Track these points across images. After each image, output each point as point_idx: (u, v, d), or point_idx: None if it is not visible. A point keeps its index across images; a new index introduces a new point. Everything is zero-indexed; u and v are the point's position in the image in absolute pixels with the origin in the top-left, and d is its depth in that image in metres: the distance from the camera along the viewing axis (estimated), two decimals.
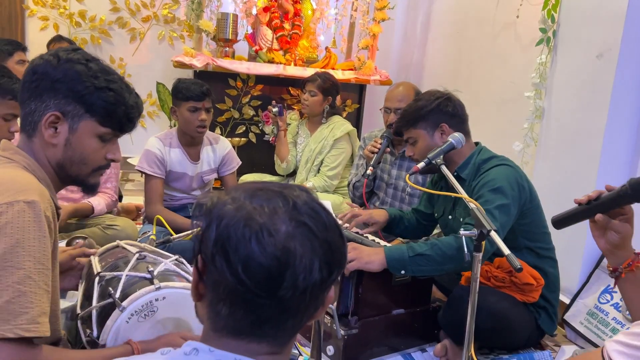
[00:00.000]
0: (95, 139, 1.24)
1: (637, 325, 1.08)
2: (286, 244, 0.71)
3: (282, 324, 0.75)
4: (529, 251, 2.05)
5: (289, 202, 0.74)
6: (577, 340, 2.35)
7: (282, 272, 0.71)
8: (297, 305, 0.74)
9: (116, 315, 1.35)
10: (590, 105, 2.40)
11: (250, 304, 0.72)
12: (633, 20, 2.24)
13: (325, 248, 0.74)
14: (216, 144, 2.85)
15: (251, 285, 0.71)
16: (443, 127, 2.08)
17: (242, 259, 0.70)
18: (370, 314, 1.97)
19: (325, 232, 0.74)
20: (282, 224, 0.72)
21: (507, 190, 1.92)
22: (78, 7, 4.06)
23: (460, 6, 3.66)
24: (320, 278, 0.73)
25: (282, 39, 3.90)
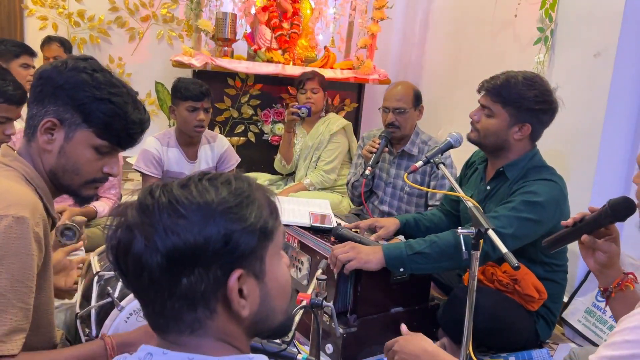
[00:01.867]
0: (91, 150, 1.21)
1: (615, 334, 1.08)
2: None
3: (168, 312, 0.73)
4: (542, 265, 2.03)
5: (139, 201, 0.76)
6: (575, 338, 2.36)
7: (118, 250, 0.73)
8: (146, 289, 0.73)
9: (115, 315, 1.36)
10: (588, 104, 2.41)
11: (138, 295, 0.76)
12: (630, 19, 2.25)
13: None
14: (214, 142, 2.86)
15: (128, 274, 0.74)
16: (525, 128, 1.97)
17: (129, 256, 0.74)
18: (368, 312, 1.98)
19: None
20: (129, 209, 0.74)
21: (541, 209, 1.87)
22: (77, 6, 4.07)
23: (458, 5, 3.67)
24: (159, 264, 0.71)
25: (281, 38, 3.91)
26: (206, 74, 3.67)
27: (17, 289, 1.07)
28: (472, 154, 2.36)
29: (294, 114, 3.27)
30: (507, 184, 2.02)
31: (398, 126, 2.72)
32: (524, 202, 1.88)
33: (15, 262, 1.06)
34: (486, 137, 2.02)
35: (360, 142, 3.06)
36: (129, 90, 1.23)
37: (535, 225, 1.88)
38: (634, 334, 1.04)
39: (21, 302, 1.08)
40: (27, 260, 1.08)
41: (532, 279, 1.95)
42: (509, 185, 2.01)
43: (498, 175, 2.07)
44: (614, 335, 1.08)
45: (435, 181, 2.71)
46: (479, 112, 2.04)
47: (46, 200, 1.20)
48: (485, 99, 2.01)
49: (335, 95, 4.04)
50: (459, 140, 1.98)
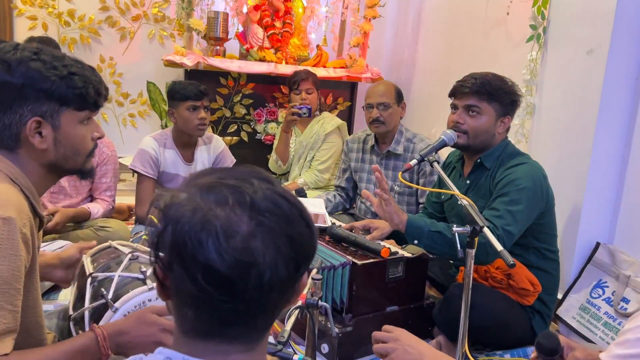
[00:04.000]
0: (79, 125, 1.22)
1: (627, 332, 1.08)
2: (247, 245, 0.67)
3: (251, 323, 0.72)
4: (535, 251, 2.06)
5: (247, 199, 0.69)
6: (570, 335, 2.36)
7: (245, 274, 0.67)
8: (266, 303, 0.71)
9: (109, 316, 1.34)
10: (580, 101, 2.41)
11: (215, 307, 0.69)
12: (622, 16, 2.25)
13: (290, 243, 0.70)
14: (210, 143, 2.86)
15: (214, 291, 0.67)
16: (506, 120, 2.06)
17: (200, 266, 0.66)
18: (364, 312, 1.97)
19: (288, 227, 0.70)
20: (241, 223, 0.67)
21: (532, 192, 1.93)
22: (67, 6, 4.03)
23: (451, 3, 3.67)
24: (287, 274, 0.70)
25: (273, 37, 3.89)
26: (198, 73, 3.65)
27: (5, 290, 1.05)
28: (448, 155, 2.36)
29: (294, 114, 3.24)
30: (486, 174, 2.08)
31: (383, 121, 2.73)
32: (516, 192, 1.92)
33: (3, 264, 1.04)
34: (476, 136, 2.04)
35: (345, 147, 3.06)
36: (68, 56, 1.22)
37: (531, 211, 1.94)
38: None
39: (9, 304, 1.06)
40: (15, 262, 1.06)
41: (526, 272, 1.97)
42: (490, 174, 2.06)
43: (476, 167, 2.12)
44: (626, 333, 1.08)
45: (424, 178, 2.72)
46: (462, 115, 2.05)
47: (33, 200, 1.18)
48: (470, 99, 2.03)
49: (328, 94, 4.04)
50: (452, 138, 1.98)
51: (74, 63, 1.19)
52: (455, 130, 2.05)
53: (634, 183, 2.31)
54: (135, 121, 4.32)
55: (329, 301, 1.98)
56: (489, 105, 2.02)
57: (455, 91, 2.10)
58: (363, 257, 1.98)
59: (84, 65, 1.22)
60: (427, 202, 2.43)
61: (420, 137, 2.83)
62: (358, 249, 2.07)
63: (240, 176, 0.72)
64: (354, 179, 3.03)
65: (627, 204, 2.37)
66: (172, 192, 0.71)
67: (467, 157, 2.18)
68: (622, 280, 2.26)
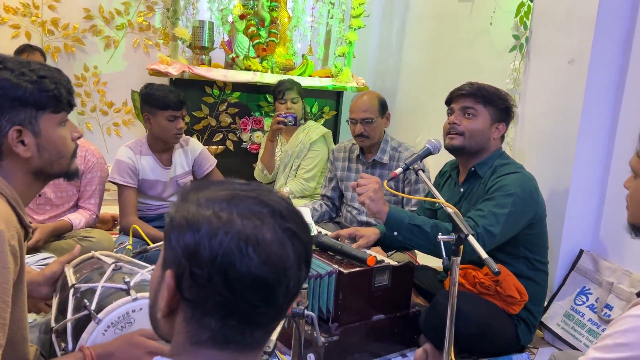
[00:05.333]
0: (59, 128, 1.21)
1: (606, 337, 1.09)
2: (282, 251, 0.71)
3: (271, 327, 0.76)
4: (525, 261, 2.08)
5: (272, 208, 0.73)
6: (555, 342, 2.38)
7: (281, 279, 0.71)
8: (287, 308, 0.76)
9: (92, 328, 1.32)
10: (563, 110, 2.44)
11: (245, 314, 0.72)
12: (603, 26, 2.29)
13: (307, 249, 0.76)
14: (187, 145, 2.84)
15: (250, 297, 0.70)
16: (500, 127, 2.12)
17: (242, 274, 0.69)
18: (350, 320, 1.97)
19: (305, 234, 0.75)
20: (270, 231, 0.71)
21: (520, 199, 1.95)
22: (50, 15, 4.00)
23: (435, 13, 3.71)
24: (304, 278, 0.76)
25: (259, 46, 3.90)
26: (183, 82, 3.64)
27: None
28: (445, 164, 2.38)
29: (280, 123, 3.23)
30: (480, 182, 2.11)
31: (367, 136, 2.75)
32: (503, 196, 1.95)
33: None
34: (472, 137, 2.09)
35: (331, 157, 3.07)
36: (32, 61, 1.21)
37: (517, 217, 1.96)
38: (625, 337, 1.05)
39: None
40: (4, 274, 1.05)
41: (513, 280, 1.99)
42: (482, 183, 2.09)
43: (470, 175, 2.16)
44: (605, 339, 1.08)
45: (409, 187, 2.74)
46: (459, 116, 2.11)
47: (19, 210, 1.16)
48: (467, 101, 2.10)
49: (313, 103, 4.05)
50: (437, 146, 1.99)
51: (40, 67, 1.18)
52: (452, 131, 2.11)
53: (616, 190, 2.34)
54: (119, 130, 4.29)
55: (315, 310, 1.97)
56: (484, 109, 2.09)
57: (451, 96, 2.17)
58: (349, 266, 1.97)
59: (49, 67, 1.21)
60: (420, 209, 2.44)
61: (406, 146, 2.85)
62: (344, 258, 2.06)
63: (249, 187, 0.76)
64: (340, 188, 3.03)
65: (610, 211, 2.40)
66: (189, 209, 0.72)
67: (462, 165, 2.21)
68: (605, 287, 2.28)
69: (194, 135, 3.75)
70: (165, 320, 0.76)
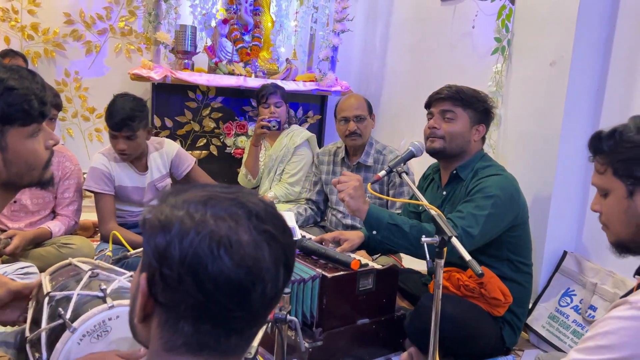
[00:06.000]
0: (29, 140, 1.15)
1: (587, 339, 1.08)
2: (256, 253, 0.69)
3: (248, 333, 0.74)
4: (509, 263, 2.08)
5: (248, 210, 0.71)
6: (540, 344, 2.38)
7: (253, 282, 0.69)
8: (264, 313, 0.73)
9: (67, 337, 1.29)
10: (545, 112, 2.45)
11: (219, 318, 0.70)
12: (583, 28, 2.31)
13: (287, 252, 0.73)
14: (162, 148, 2.77)
15: (223, 300, 0.68)
16: (481, 128, 2.12)
17: (213, 276, 0.67)
18: (334, 325, 1.95)
19: (284, 236, 0.73)
20: (246, 233, 0.69)
21: (500, 201, 1.95)
22: (30, 19, 3.95)
23: (418, 18, 3.71)
24: (283, 282, 0.73)
25: (242, 50, 3.88)
26: (166, 87, 3.61)
27: None
28: (428, 167, 2.38)
29: (264, 127, 3.20)
30: (461, 185, 2.11)
31: (360, 134, 2.75)
32: (483, 198, 1.95)
33: None
34: (452, 140, 2.09)
35: (315, 160, 3.06)
36: (6, 67, 1.15)
37: (497, 219, 1.96)
38: (606, 339, 1.04)
39: None
40: None
41: (498, 282, 1.98)
42: (464, 185, 2.09)
43: (452, 178, 2.16)
44: (587, 341, 1.07)
45: (393, 190, 2.74)
46: (438, 120, 2.11)
47: None
48: (445, 105, 2.10)
49: (298, 107, 4.03)
50: (420, 149, 1.99)
51: (9, 75, 1.11)
52: (432, 135, 2.11)
53: None
54: (101, 136, 4.24)
55: (299, 315, 1.95)
56: (464, 111, 2.09)
57: (430, 100, 2.17)
58: (333, 270, 1.95)
59: (21, 73, 1.14)
60: (404, 211, 2.44)
61: (390, 149, 2.85)
62: (328, 262, 2.04)
63: (230, 189, 0.75)
64: (324, 192, 3.01)
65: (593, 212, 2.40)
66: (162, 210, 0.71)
67: (443, 168, 2.21)
68: (589, 288, 2.28)
69: (177, 140, 3.71)
70: (142, 325, 0.74)
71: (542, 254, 2.46)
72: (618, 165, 1.19)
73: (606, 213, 1.24)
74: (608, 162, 1.21)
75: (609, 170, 1.21)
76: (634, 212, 1.17)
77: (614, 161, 1.19)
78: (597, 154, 1.25)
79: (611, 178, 1.20)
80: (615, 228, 1.23)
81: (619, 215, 1.20)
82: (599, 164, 1.24)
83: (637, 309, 1.02)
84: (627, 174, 1.17)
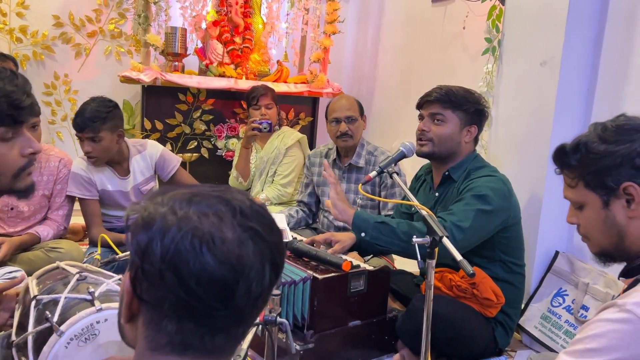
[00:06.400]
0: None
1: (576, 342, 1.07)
2: (240, 250, 0.68)
3: (234, 333, 0.73)
4: (501, 264, 2.08)
5: (233, 207, 0.70)
6: (533, 344, 2.37)
7: (239, 279, 0.68)
8: (250, 312, 0.72)
9: (54, 341, 1.26)
10: (536, 111, 2.46)
11: (202, 316, 0.69)
12: (573, 28, 2.31)
13: (273, 250, 0.72)
14: (144, 150, 2.69)
15: (206, 298, 0.67)
16: (472, 129, 2.10)
17: (195, 272, 0.66)
18: (326, 327, 1.93)
19: (271, 234, 0.72)
20: (230, 230, 0.68)
21: (491, 200, 1.94)
22: (19, 22, 3.91)
23: (409, 19, 3.72)
24: (270, 281, 0.72)
25: (233, 52, 3.87)
26: (156, 89, 3.59)
27: None
28: (420, 167, 2.38)
29: (255, 129, 3.18)
30: (454, 186, 2.10)
31: (351, 135, 2.75)
32: (473, 197, 1.95)
33: None
34: (441, 143, 2.08)
35: (307, 162, 3.05)
36: None
37: (489, 215, 1.94)
38: (595, 342, 1.03)
39: None
40: None
41: (490, 282, 1.98)
42: (456, 187, 2.08)
43: (444, 180, 2.15)
44: (576, 343, 1.07)
45: (385, 191, 2.73)
46: (428, 123, 2.11)
47: None
48: (435, 107, 2.09)
49: (289, 109, 4.02)
50: (411, 149, 1.98)
51: None
52: (421, 138, 2.11)
53: None
54: None
55: (290, 317, 1.93)
56: (453, 114, 2.07)
57: (421, 101, 2.16)
58: (324, 272, 1.94)
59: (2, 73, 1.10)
60: (397, 212, 2.43)
61: (382, 150, 2.84)
62: (319, 263, 2.03)
63: (217, 188, 0.74)
64: (316, 194, 3.00)
65: None
66: (146, 208, 0.70)
67: (435, 169, 2.21)
68: (581, 288, 2.28)
69: (167, 143, 3.69)
70: (129, 326, 0.74)
71: (534, 254, 2.45)
72: (589, 177, 1.17)
73: (584, 225, 1.23)
74: (578, 175, 1.19)
75: (580, 183, 1.19)
76: (612, 221, 1.16)
77: (584, 174, 1.18)
78: (564, 168, 1.24)
79: (584, 191, 1.19)
80: (597, 239, 1.21)
81: (598, 227, 1.18)
82: (569, 178, 1.22)
83: (625, 311, 1.02)
84: (599, 185, 1.16)
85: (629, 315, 1.01)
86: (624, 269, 1.21)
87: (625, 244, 1.16)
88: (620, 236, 1.16)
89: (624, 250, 1.17)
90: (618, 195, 1.14)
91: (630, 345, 1.00)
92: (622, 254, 1.18)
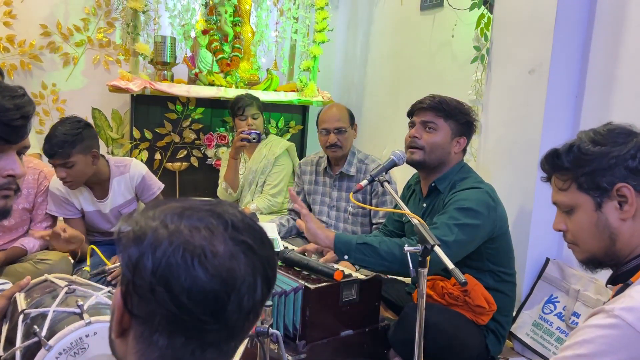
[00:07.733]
0: None
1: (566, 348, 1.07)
2: (231, 263, 0.68)
3: (225, 348, 0.72)
4: (491, 274, 2.07)
5: (224, 220, 0.70)
6: (525, 352, 2.37)
7: (230, 293, 0.67)
8: (242, 326, 0.72)
9: (42, 355, 1.24)
10: (525, 119, 2.47)
11: (193, 331, 0.68)
12: (561, 36, 2.33)
13: (265, 264, 0.72)
14: (127, 172, 2.57)
15: (197, 312, 0.67)
16: (462, 141, 2.12)
17: (186, 287, 0.66)
18: (318, 337, 1.92)
19: (262, 247, 0.72)
20: (221, 244, 0.68)
21: (475, 212, 1.93)
22: (6, 31, 3.88)
23: (398, 27, 3.73)
24: (262, 295, 0.71)
25: (223, 61, 3.86)
26: (145, 98, 3.57)
27: None
28: (412, 176, 2.38)
29: (243, 140, 3.16)
30: (440, 198, 2.10)
31: (340, 146, 2.75)
32: (457, 210, 1.94)
33: None
34: (432, 151, 2.08)
35: (298, 170, 3.04)
36: None
37: (474, 229, 1.93)
38: (584, 348, 1.03)
39: None
40: None
41: (482, 289, 1.98)
42: (442, 198, 2.08)
43: (431, 191, 2.15)
44: (565, 350, 1.07)
45: (376, 198, 2.73)
46: (419, 130, 2.10)
47: None
48: (427, 115, 2.09)
49: (279, 118, 4.02)
50: (402, 158, 1.99)
51: None
52: (412, 145, 2.10)
53: None
54: None
55: (281, 328, 1.92)
56: (445, 123, 2.08)
57: (413, 109, 2.16)
58: (316, 281, 1.93)
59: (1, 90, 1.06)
60: (389, 220, 2.43)
61: (372, 158, 2.85)
62: (311, 273, 2.02)
63: (208, 201, 0.74)
64: (307, 202, 3.00)
65: None
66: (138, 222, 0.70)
67: (423, 180, 2.20)
68: (572, 295, 2.29)
69: (156, 152, 3.67)
70: (120, 341, 0.73)
71: (524, 261, 2.46)
72: (582, 179, 1.17)
73: (574, 230, 1.22)
74: (571, 177, 1.19)
75: (572, 185, 1.19)
76: (605, 223, 1.16)
77: (578, 176, 1.18)
78: (556, 171, 1.23)
79: (576, 193, 1.19)
80: (587, 244, 1.20)
81: (589, 230, 1.18)
82: (561, 180, 1.22)
83: (613, 317, 1.02)
84: (593, 186, 1.16)
85: (617, 320, 1.01)
86: (611, 277, 1.22)
87: (616, 247, 1.16)
88: (612, 239, 1.16)
89: (614, 254, 1.17)
90: (611, 196, 1.14)
91: (618, 350, 1.01)
92: (612, 259, 1.19)
